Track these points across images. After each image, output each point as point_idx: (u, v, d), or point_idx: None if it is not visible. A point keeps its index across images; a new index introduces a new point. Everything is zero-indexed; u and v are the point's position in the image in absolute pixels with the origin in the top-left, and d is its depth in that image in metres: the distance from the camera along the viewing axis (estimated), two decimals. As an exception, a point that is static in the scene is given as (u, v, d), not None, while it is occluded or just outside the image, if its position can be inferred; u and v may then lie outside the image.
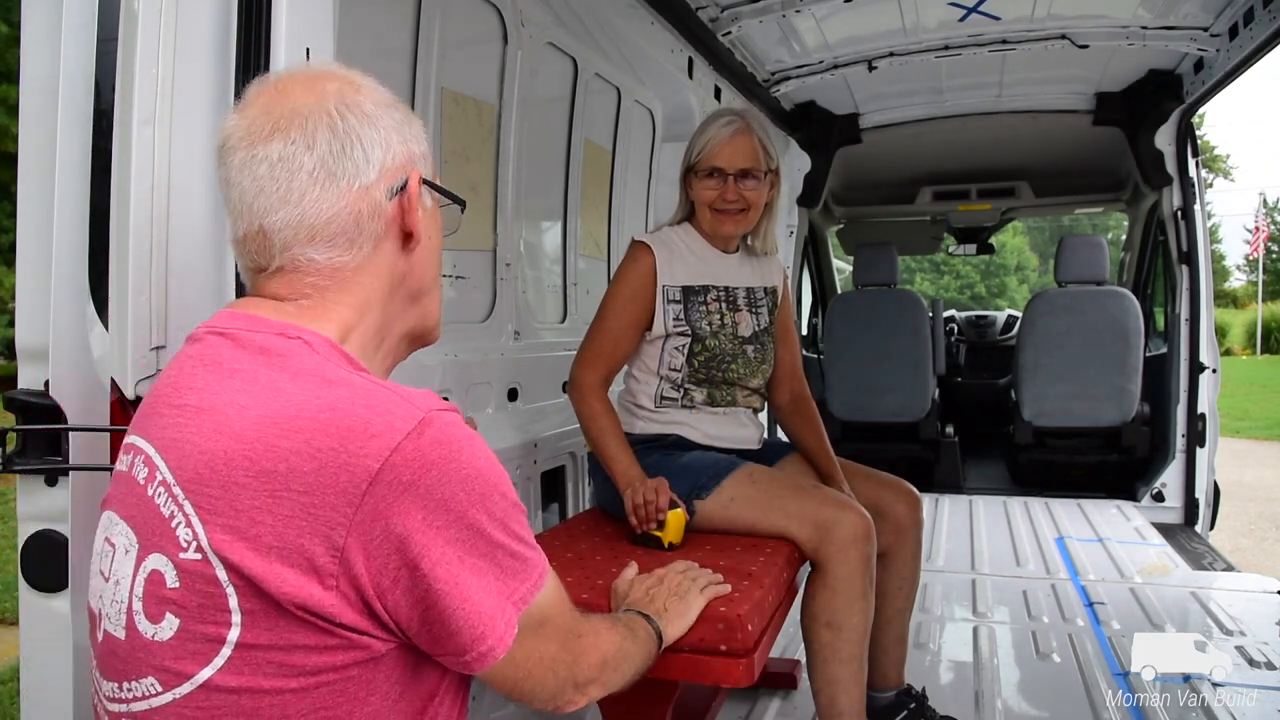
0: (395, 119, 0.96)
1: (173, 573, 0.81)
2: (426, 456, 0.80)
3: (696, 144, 2.10)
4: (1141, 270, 5.16)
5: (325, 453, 0.78)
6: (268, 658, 0.79)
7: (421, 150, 0.99)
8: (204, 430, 0.82)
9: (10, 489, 5.84)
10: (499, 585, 0.84)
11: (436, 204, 1.02)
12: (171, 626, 0.81)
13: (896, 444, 4.87)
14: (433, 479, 0.80)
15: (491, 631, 0.84)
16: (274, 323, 0.89)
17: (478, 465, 0.83)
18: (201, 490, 0.80)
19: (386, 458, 0.78)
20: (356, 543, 0.78)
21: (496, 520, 0.84)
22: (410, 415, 0.81)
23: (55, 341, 1.34)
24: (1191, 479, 4.21)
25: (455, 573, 0.81)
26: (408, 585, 0.80)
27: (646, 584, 1.46)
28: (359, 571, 0.78)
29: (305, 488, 0.77)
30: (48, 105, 1.35)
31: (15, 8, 1.66)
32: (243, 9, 1.18)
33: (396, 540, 0.79)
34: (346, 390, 0.83)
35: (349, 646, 0.81)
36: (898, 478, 2.19)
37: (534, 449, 2.43)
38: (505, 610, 0.85)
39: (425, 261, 1.00)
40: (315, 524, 0.77)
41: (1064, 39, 3.63)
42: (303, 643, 0.79)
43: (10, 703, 3.62)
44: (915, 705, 2.15)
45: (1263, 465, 9.51)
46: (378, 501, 0.78)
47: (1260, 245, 29.91)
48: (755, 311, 2.18)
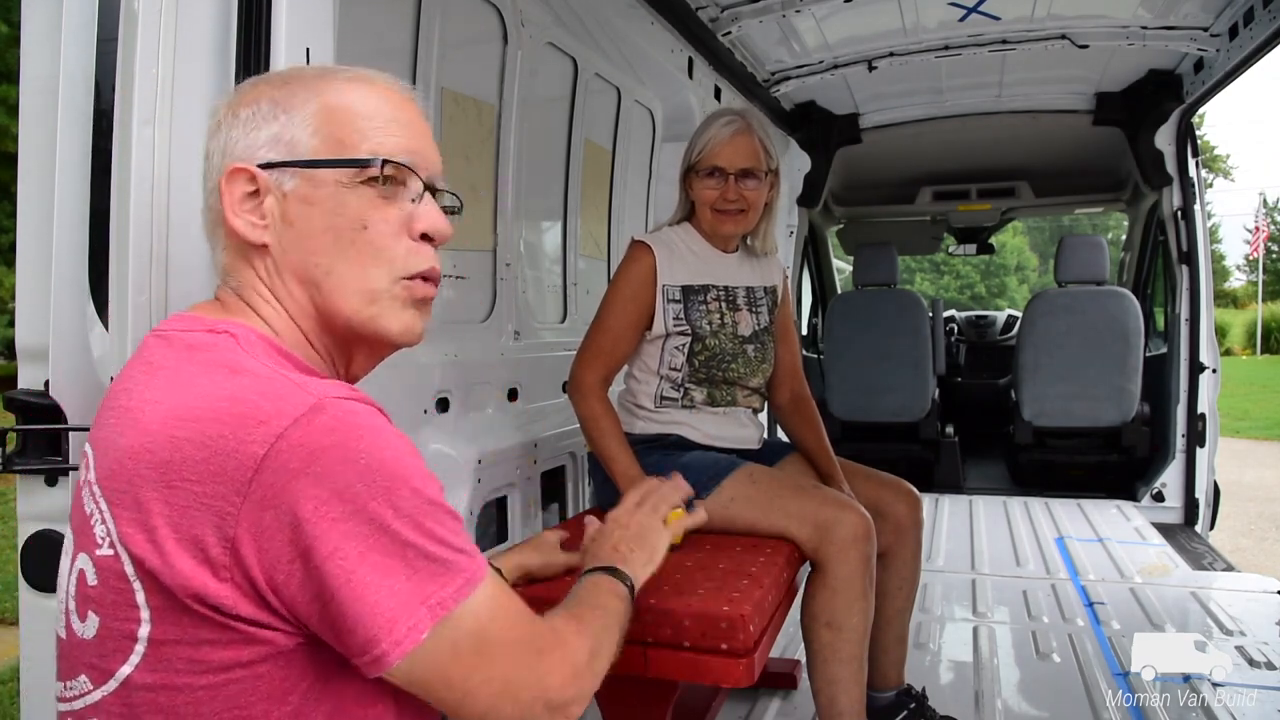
0: (245, 115, 0.93)
1: (92, 570, 0.82)
2: (316, 443, 0.77)
3: (697, 144, 2.10)
4: (1141, 270, 5.16)
5: (216, 440, 0.76)
6: (178, 653, 0.78)
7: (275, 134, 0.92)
8: (120, 428, 0.83)
9: (10, 489, 5.83)
10: (408, 586, 0.78)
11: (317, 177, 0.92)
12: (94, 625, 0.81)
13: (896, 444, 4.87)
14: (322, 467, 0.76)
15: (387, 634, 0.77)
16: (207, 320, 0.90)
17: (379, 456, 0.79)
18: (112, 486, 0.80)
19: (272, 444, 0.76)
20: (246, 533, 0.76)
21: (404, 516, 0.78)
22: (302, 401, 0.78)
23: (55, 341, 1.34)
24: (1191, 479, 4.21)
25: (350, 566, 0.76)
26: (302, 578, 0.77)
27: (611, 538, 1.34)
28: (250, 562, 0.76)
29: (198, 477, 0.76)
30: (48, 105, 1.35)
31: (15, 8, 1.66)
32: (243, 9, 1.18)
33: (287, 530, 0.76)
34: (249, 379, 0.81)
35: (252, 641, 0.78)
36: (898, 478, 2.19)
37: (534, 449, 2.43)
38: (412, 613, 0.78)
39: (291, 251, 0.92)
40: (207, 514, 0.76)
41: (1064, 39, 3.63)
42: (207, 637, 0.78)
43: (10, 703, 3.62)
44: (915, 705, 2.15)
45: (1263, 465, 9.51)
46: (265, 489, 0.75)
47: (1260, 245, 29.92)
48: (755, 311, 2.18)
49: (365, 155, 0.92)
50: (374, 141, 0.93)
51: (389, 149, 0.94)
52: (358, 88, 0.96)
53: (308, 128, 0.92)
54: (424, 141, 0.99)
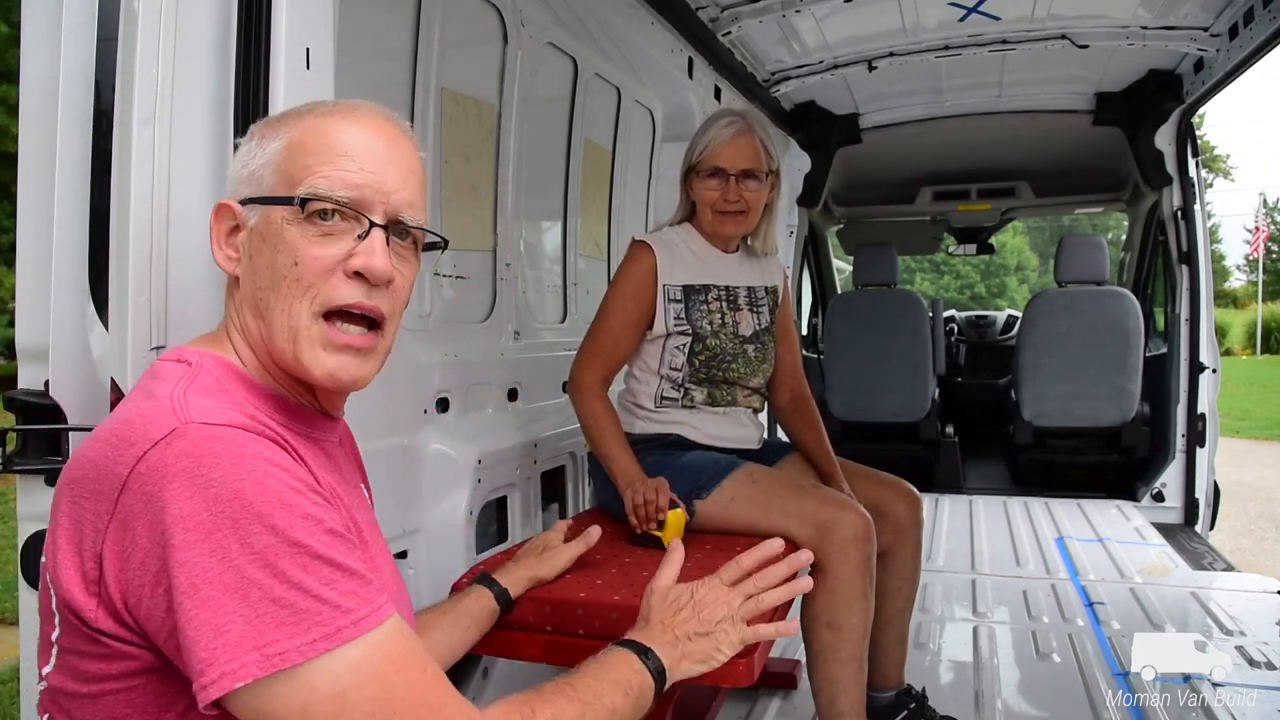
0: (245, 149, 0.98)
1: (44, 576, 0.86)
2: (170, 467, 0.76)
3: (698, 144, 2.10)
4: (1141, 270, 5.16)
5: (99, 460, 0.79)
6: (67, 661, 0.82)
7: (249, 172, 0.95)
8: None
9: (10, 489, 5.83)
10: (243, 628, 0.73)
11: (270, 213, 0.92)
12: (36, 623, 0.87)
13: (896, 444, 4.87)
14: (171, 492, 0.75)
15: (203, 672, 0.73)
16: (186, 349, 0.94)
17: (234, 487, 0.75)
18: (56, 500, 0.84)
19: (133, 465, 0.77)
20: (109, 550, 0.77)
21: (252, 553, 0.74)
22: (165, 425, 0.78)
23: (55, 341, 1.34)
24: (1191, 479, 4.21)
25: (184, 596, 0.73)
26: (150, 600, 0.76)
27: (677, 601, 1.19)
28: (110, 579, 0.77)
29: (87, 494, 0.79)
30: (48, 105, 1.35)
31: (15, 8, 1.66)
32: (243, 9, 1.18)
33: (139, 552, 0.76)
34: (148, 404, 0.83)
35: (118, 655, 0.80)
36: (898, 478, 2.19)
37: (534, 449, 2.43)
38: (236, 656, 0.72)
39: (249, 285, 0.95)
40: (86, 530, 0.79)
41: (1064, 39, 3.63)
42: (82, 648, 0.81)
43: (10, 703, 3.62)
44: (915, 705, 2.15)
45: (1263, 465, 9.51)
46: (125, 510, 0.77)
47: (1260, 245, 29.92)
48: (756, 311, 2.18)
49: (302, 192, 0.90)
50: (317, 176, 0.91)
51: (329, 185, 0.91)
52: (330, 122, 0.93)
53: (270, 164, 0.93)
54: (383, 176, 0.93)
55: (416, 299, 2.18)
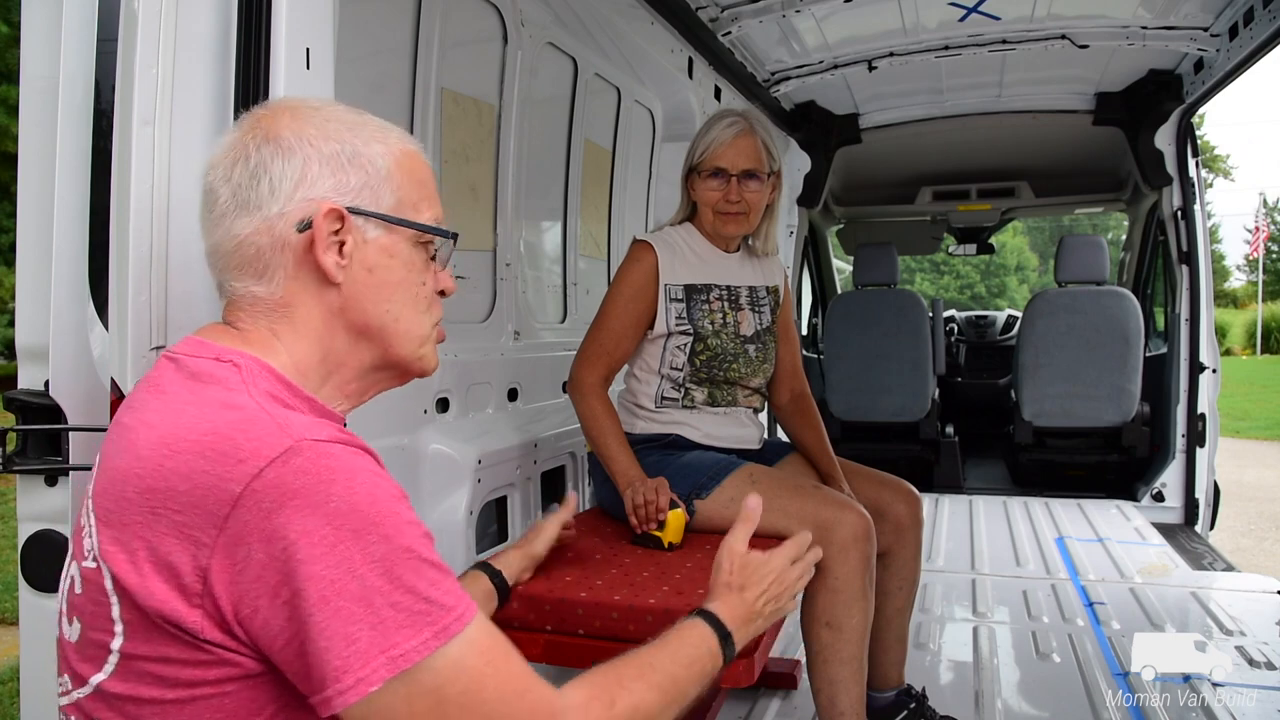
0: (326, 151, 0.94)
1: (79, 579, 0.86)
2: (288, 485, 0.78)
3: (700, 144, 2.10)
4: (1141, 270, 5.17)
5: (198, 474, 0.79)
6: (147, 668, 0.81)
7: (363, 181, 0.96)
8: (118, 447, 0.86)
9: (10, 489, 5.84)
10: (369, 635, 0.77)
11: (398, 233, 0.99)
12: (76, 630, 0.86)
13: (896, 444, 4.87)
14: (294, 509, 0.78)
15: (335, 681, 0.77)
16: (217, 348, 0.92)
17: (351, 500, 0.79)
18: (102, 503, 0.84)
19: (248, 483, 0.78)
20: (218, 565, 0.78)
21: (374, 561, 0.78)
22: (279, 442, 0.80)
23: (55, 341, 1.34)
24: (1191, 479, 4.21)
25: (312, 609, 0.77)
26: (266, 614, 0.78)
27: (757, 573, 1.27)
28: (219, 593, 0.78)
29: (179, 507, 0.79)
30: (48, 105, 1.35)
31: (15, 8, 1.67)
32: (243, 9, 1.18)
33: (256, 568, 0.78)
34: (236, 415, 0.83)
35: (220, 662, 0.81)
36: (898, 478, 2.19)
37: (534, 449, 2.43)
38: (367, 663, 0.77)
39: (365, 295, 0.97)
40: (185, 543, 0.79)
41: (1064, 39, 3.63)
42: (176, 656, 0.81)
43: (10, 703, 3.62)
44: (915, 705, 2.15)
45: (1263, 465, 9.51)
46: (239, 527, 0.78)
47: (1260, 245, 29.92)
48: (757, 311, 2.18)
49: (428, 221, 1.01)
50: (434, 210, 1.03)
51: (438, 219, 1.03)
52: (418, 154, 1.03)
53: (389, 184, 0.98)
54: None
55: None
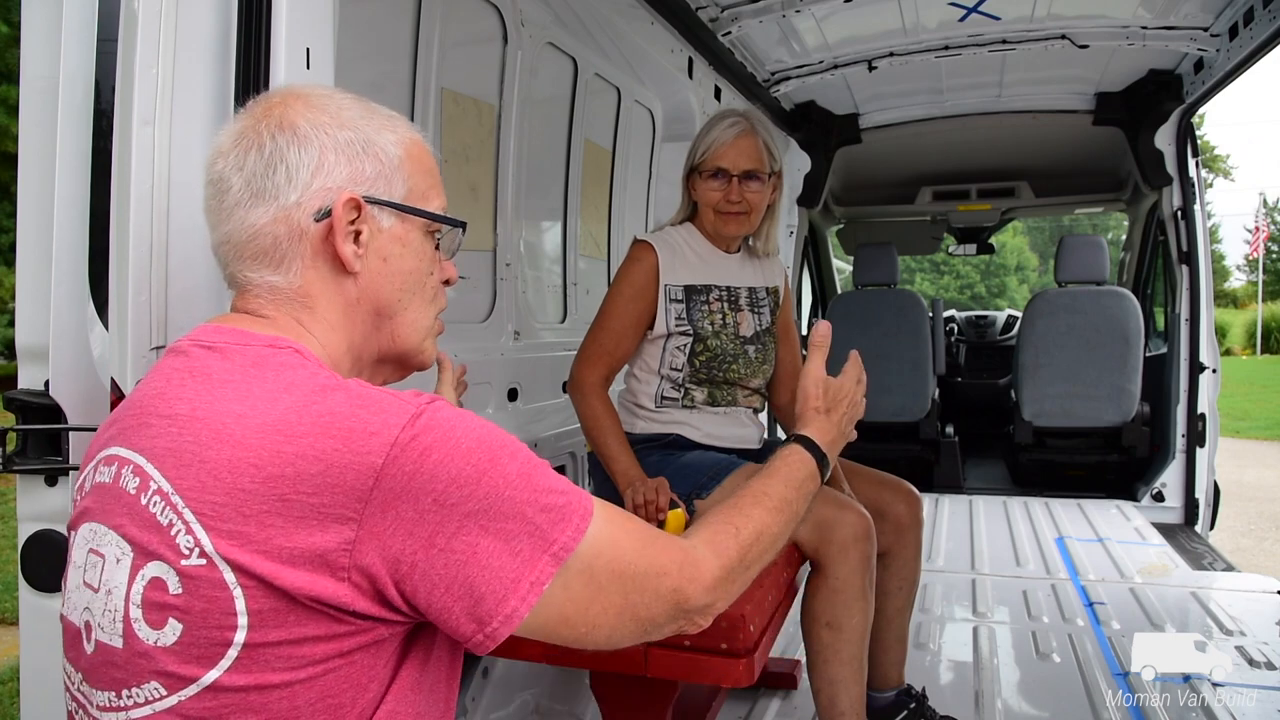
0: (341, 139, 0.95)
1: (175, 579, 0.83)
2: (423, 444, 0.83)
3: (701, 145, 2.10)
4: (1141, 270, 5.17)
5: (330, 454, 0.82)
6: (277, 653, 0.82)
7: (377, 170, 0.97)
8: (202, 439, 0.85)
9: (10, 489, 5.84)
10: (530, 543, 0.85)
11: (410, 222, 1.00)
12: (175, 631, 0.83)
13: (896, 444, 4.87)
14: (434, 462, 0.83)
15: (517, 585, 0.84)
16: (262, 336, 0.93)
17: (476, 436, 0.86)
18: (204, 498, 0.83)
19: (388, 452, 0.82)
20: (369, 535, 0.81)
21: (512, 481, 0.85)
22: (404, 410, 0.85)
23: (55, 341, 1.34)
24: (1191, 479, 4.21)
25: (474, 540, 0.83)
26: (425, 566, 0.82)
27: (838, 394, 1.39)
28: (371, 562, 0.81)
29: (313, 489, 0.81)
30: (48, 105, 1.35)
31: (15, 8, 1.67)
32: (243, 9, 1.18)
33: (410, 525, 0.82)
34: (342, 394, 0.86)
35: (358, 632, 0.84)
36: (898, 478, 2.19)
37: (534, 449, 2.43)
38: (535, 564, 0.85)
39: (380, 284, 0.99)
40: (325, 522, 0.81)
41: (1064, 39, 3.63)
42: (314, 634, 0.82)
43: (10, 703, 3.63)
44: (915, 705, 2.15)
45: (1263, 465, 9.51)
46: (385, 494, 0.81)
47: (1260, 245, 29.92)
48: (757, 311, 2.18)
49: (436, 209, 1.02)
50: (441, 199, 1.03)
51: (445, 207, 1.04)
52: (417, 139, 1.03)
53: (401, 173, 0.99)
54: None
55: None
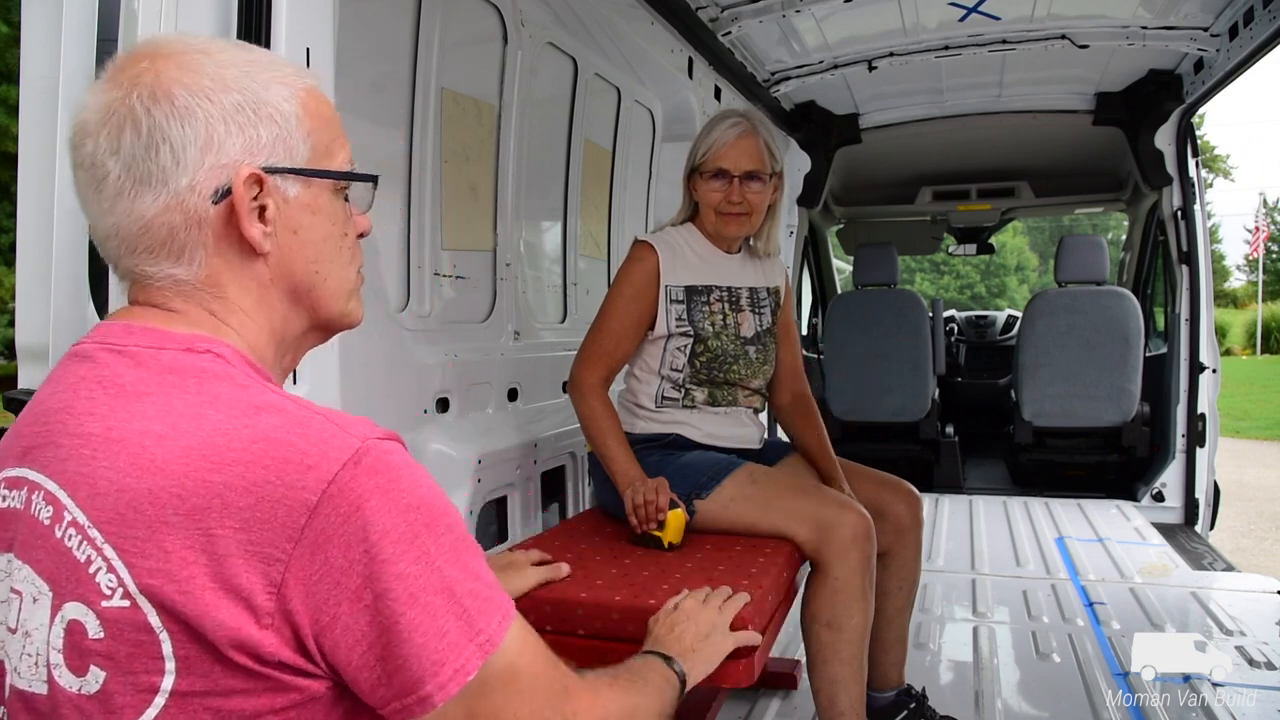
0: (228, 105, 0.83)
1: (95, 622, 0.76)
2: (364, 486, 0.76)
3: (701, 145, 2.10)
4: (1141, 270, 5.17)
5: (261, 486, 0.74)
6: (204, 704, 0.76)
7: (274, 134, 0.85)
8: (119, 464, 0.76)
9: (10, 489, 5.81)
10: (457, 625, 0.78)
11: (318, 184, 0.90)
12: (98, 679, 0.76)
13: (896, 444, 4.87)
14: (373, 509, 0.75)
15: (433, 676, 0.77)
16: (176, 335, 0.83)
17: (420, 495, 0.78)
18: (124, 532, 0.75)
19: (324, 490, 0.74)
20: (295, 579, 0.74)
21: (446, 551, 0.78)
22: (346, 445, 0.77)
23: (55, 341, 1.34)
24: (1191, 479, 4.21)
25: (401, 608, 0.76)
26: (348, 622, 0.75)
27: (670, 619, 1.38)
28: (296, 608, 0.75)
29: (242, 524, 0.74)
30: (48, 105, 1.35)
31: (15, 8, 1.67)
32: (242, 9, 1.18)
33: (337, 574, 0.75)
34: (278, 418, 0.78)
35: (283, 689, 0.77)
36: (898, 478, 2.19)
37: (534, 449, 2.43)
38: (461, 652, 0.78)
39: (294, 259, 0.89)
40: (253, 561, 0.74)
41: (1064, 39, 3.63)
42: (238, 687, 0.76)
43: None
44: (915, 705, 2.15)
45: (1263, 465, 9.52)
46: (317, 535, 0.74)
47: (1260, 245, 29.95)
48: (758, 312, 2.18)
49: (342, 163, 0.92)
50: (344, 151, 0.93)
51: (350, 157, 0.94)
52: (311, 87, 0.91)
53: (300, 131, 0.88)
54: None
55: (416, 299, 2.19)
